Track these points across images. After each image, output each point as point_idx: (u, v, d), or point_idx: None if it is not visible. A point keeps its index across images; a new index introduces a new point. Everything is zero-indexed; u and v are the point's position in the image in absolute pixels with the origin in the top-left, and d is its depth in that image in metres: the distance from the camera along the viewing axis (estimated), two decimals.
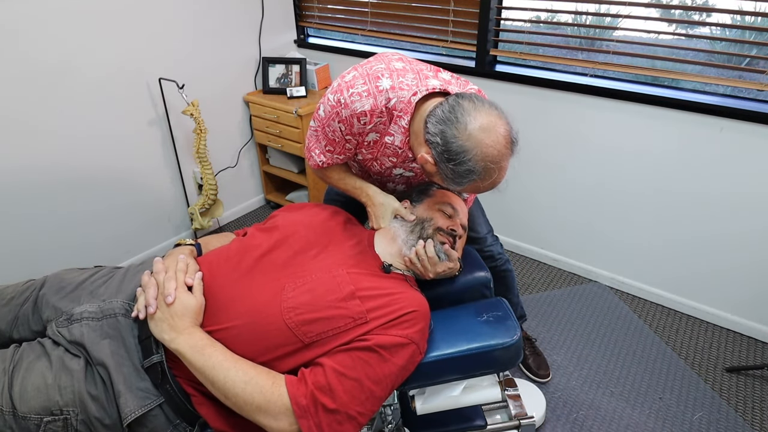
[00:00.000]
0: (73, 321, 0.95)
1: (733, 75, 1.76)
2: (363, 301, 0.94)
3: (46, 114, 1.83)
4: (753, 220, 1.77)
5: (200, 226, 2.39)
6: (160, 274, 0.96)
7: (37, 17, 1.73)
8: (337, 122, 1.14)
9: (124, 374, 0.90)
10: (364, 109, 1.09)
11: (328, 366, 0.86)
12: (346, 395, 0.84)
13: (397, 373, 0.91)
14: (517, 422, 1.24)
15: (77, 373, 0.89)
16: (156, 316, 0.91)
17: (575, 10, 1.94)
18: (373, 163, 1.28)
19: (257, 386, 0.84)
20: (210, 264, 1.05)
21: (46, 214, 1.94)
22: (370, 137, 1.17)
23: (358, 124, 1.13)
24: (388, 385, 0.90)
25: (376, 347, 0.89)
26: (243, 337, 0.92)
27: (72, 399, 0.87)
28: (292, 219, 1.18)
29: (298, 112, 2.35)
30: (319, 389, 0.83)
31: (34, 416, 0.86)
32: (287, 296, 0.94)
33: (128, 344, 0.93)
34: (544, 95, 2.04)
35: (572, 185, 2.14)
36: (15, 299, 1.05)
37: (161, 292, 0.93)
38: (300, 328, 0.90)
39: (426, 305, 1.00)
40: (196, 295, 0.95)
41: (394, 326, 0.92)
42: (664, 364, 1.81)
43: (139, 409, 0.88)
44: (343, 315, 0.91)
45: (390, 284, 1.01)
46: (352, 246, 1.10)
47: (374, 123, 1.13)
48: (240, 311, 0.94)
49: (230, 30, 2.39)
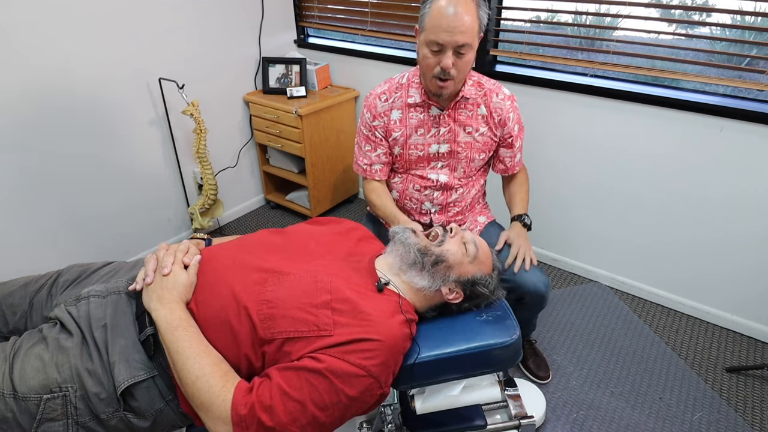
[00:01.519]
0: (81, 299, 1.00)
1: (733, 75, 1.76)
2: (335, 313, 0.91)
3: (46, 114, 1.83)
4: (753, 219, 1.77)
5: (200, 226, 2.39)
6: (161, 251, 1.03)
7: (37, 17, 1.73)
8: (365, 112, 1.48)
9: (121, 345, 0.93)
10: (383, 89, 1.46)
11: (275, 382, 0.84)
12: (286, 416, 0.82)
13: (347, 403, 0.86)
14: (517, 422, 1.24)
15: (72, 349, 0.92)
16: (149, 287, 0.97)
17: (575, 10, 1.94)
18: (409, 151, 1.46)
19: (206, 384, 0.84)
20: (210, 251, 1.09)
21: (46, 214, 1.94)
22: (394, 115, 1.44)
23: (380, 102, 1.45)
24: (336, 414, 0.86)
25: (328, 372, 0.84)
26: (213, 321, 0.93)
27: (70, 375, 0.90)
28: (303, 228, 1.21)
29: (298, 112, 2.35)
30: (261, 404, 0.82)
31: (34, 396, 0.88)
32: (267, 289, 0.95)
33: (127, 318, 0.97)
34: (544, 95, 2.04)
35: (572, 185, 2.14)
36: (30, 285, 1.10)
37: (159, 266, 0.99)
38: (266, 322, 0.90)
39: (396, 338, 0.92)
40: (189, 273, 0.99)
41: (354, 353, 0.87)
42: (664, 364, 1.81)
43: (132, 378, 0.90)
44: (308, 320, 0.90)
45: (372, 305, 0.95)
46: (350, 261, 1.09)
47: (393, 98, 1.43)
48: (221, 292, 0.96)
49: (230, 30, 2.40)
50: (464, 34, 1.21)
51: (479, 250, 1.12)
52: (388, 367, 0.91)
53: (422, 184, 1.50)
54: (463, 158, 1.46)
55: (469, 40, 1.23)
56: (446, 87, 1.30)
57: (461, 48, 1.23)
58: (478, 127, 1.44)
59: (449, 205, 1.53)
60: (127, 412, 0.92)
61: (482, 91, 1.43)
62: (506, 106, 1.44)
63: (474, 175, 1.53)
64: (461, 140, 1.44)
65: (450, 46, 1.23)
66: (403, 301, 1.03)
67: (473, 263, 1.10)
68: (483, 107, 1.43)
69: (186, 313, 0.93)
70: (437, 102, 1.40)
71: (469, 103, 1.42)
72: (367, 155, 1.51)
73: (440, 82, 1.29)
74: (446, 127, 1.43)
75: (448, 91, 1.32)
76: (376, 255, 1.15)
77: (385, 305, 0.98)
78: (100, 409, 0.90)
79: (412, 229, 1.14)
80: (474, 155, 1.47)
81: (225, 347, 0.91)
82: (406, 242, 1.10)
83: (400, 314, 0.98)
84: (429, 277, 1.07)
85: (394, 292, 1.05)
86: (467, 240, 1.12)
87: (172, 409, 0.95)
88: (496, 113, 1.43)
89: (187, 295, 0.97)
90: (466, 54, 1.25)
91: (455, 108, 1.41)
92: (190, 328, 0.90)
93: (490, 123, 1.44)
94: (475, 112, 1.43)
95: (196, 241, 1.15)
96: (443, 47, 1.23)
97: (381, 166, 1.52)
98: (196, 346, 0.88)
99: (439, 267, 1.07)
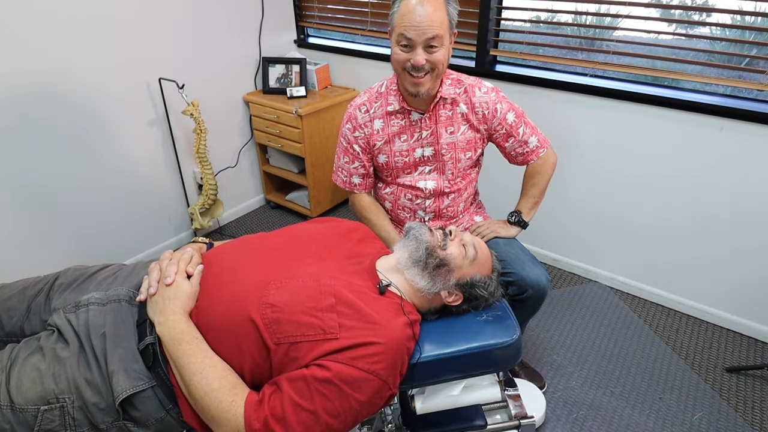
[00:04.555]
0: (80, 307, 0.99)
1: (733, 75, 1.76)
2: (340, 316, 0.91)
3: (46, 114, 1.83)
4: (753, 219, 1.77)
5: (200, 226, 2.39)
6: (164, 261, 1.03)
7: (37, 17, 1.73)
8: (345, 123, 1.47)
9: (120, 355, 0.92)
10: (363, 100, 1.45)
11: (285, 394, 0.84)
12: (300, 426, 0.83)
13: (358, 408, 0.87)
14: (517, 422, 1.24)
15: (69, 360, 0.91)
16: (153, 298, 0.97)
17: (575, 10, 1.94)
18: (395, 158, 1.45)
19: (215, 400, 0.84)
20: (211, 255, 1.09)
21: (45, 215, 1.94)
22: (376, 125, 1.44)
23: (360, 113, 1.44)
24: (349, 419, 0.87)
25: (337, 380, 0.85)
26: (216, 328, 0.93)
27: (67, 386, 0.89)
28: (303, 228, 1.21)
29: (298, 112, 2.35)
30: (274, 417, 0.82)
31: (31, 407, 0.87)
32: (269, 292, 0.94)
33: (127, 327, 0.97)
34: (544, 95, 2.04)
35: (572, 185, 2.14)
36: (28, 290, 1.09)
37: (163, 276, 0.98)
38: (271, 326, 0.90)
39: (401, 340, 0.93)
40: (192, 282, 0.99)
41: (361, 358, 0.87)
42: (664, 364, 1.81)
43: (131, 388, 0.90)
44: (315, 324, 0.90)
45: (376, 308, 0.95)
46: (351, 262, 1.09)
47: (373, 108, 1.43)
48: (223, 297, 0.96)
49: (230, 30, 2.39)
50: (432, 28, 1.21)
51: (478, 253, 1.12)
52: (396, 368, 0.92)
53: (413, 194, 1.48)
54: (448, 160, 1.44)
55: (438, 33, 1.23)
56: (422, 84, 1.28)
57: (431, 41, 1.23)
58: (459, 127, 1.42)
59: (442, 211, 1.52)
60: (127, 422, 0.91)
61: (462, 87, 1.41)
62: (491, 98, 1.41)
63: (463, 176, 1.50)
64: (444, 142, 1.42)
65: (419, 41, 1.23)
66: (404, 303, 1.03)
67: (472, 265, 1.10)
68: (463, 105, 1.41)
69: (189, 324, 0.93)
70: (416, 107, 1.39)
71: (448, 102, 1.40)
72: (345, 167, 1.51)
73: (413, 78, 1.27)
74: (428, 130, 1.41)
75: (425, 89, 1.30)
76: (377, 256, 1.14)
77: (388, 307, 0.98)
78: (99, 419, 0.89)
79: (429, 228, 1.15)
80: (459, 155, 1.45)
81: (230, 354, 0.91)
82: (420, 238, 1.10)
83: (403, 316, 0.98)
84: (429, 278, 1.07)
85: (395, 294, 1.04)
86: (466, 242, 1.12)
87: (173, 418, 0.94)
88: (479, 108, 1.40)
89: (190, 304, 0.96)
90: (439, 48, 1.25)
91: (435, 110, 1.40)
92: (194, 341, 0.90)
93: (471, 120, 1.42)
94: (455, 111, 1.41)
95: (198, 246, 1.15)
96: (412, 42, 1.23)
97: (360, 180, 1.52)
98: (200, 360, 0.87)
99: (440, 270, 1.07)
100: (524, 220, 1.51)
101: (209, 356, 0.89)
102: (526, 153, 1.49)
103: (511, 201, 1.59)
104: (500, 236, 1.49)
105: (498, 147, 1.52)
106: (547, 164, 1.51)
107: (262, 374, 0.91)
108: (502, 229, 1.50)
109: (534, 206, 1.53)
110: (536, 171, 1.51)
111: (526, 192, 1.54)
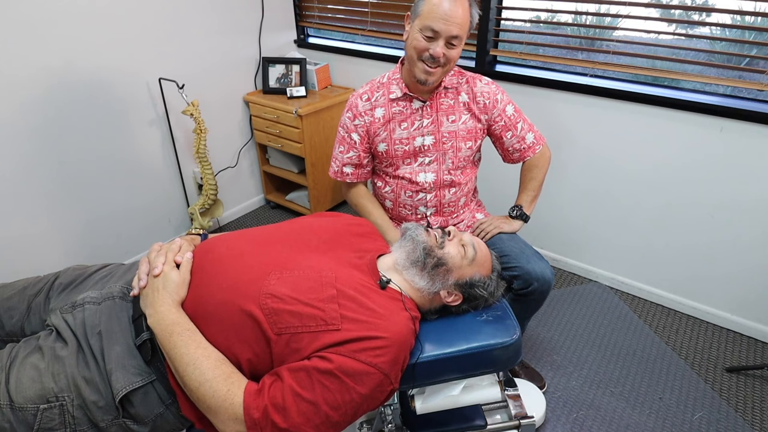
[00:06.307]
0: (76, 307, 0.99)
1: (733, 75, 1.76)
2: (341, 308, 0.91)
3: (46, 115, 1.83)
4: (753, 220, 1.77)
5: (200, 226, 2.39)
6: (153, 253, 1.01)
7: (37, 17, 1.73)
8: (346, 112, 1.49)
9: (117, 352, 0.92)
10: (364, 89, 1.48)
11: (286, 384, 0.84)
12: (300, 417, 0.82)
13: (359, 401, 0.86)
14: (517, 422, 1.24)
15: (68, 358, 0.91)
16: (144, 291, 0.96)
17: (575, 10, 1.94)
18: (395, 146, 1.45)
19: (210, 390, 0.83)
20: (207, 243, 1.08)
21: (45, 215, 1.94)
22: (378, 113, 1.45)
23: (361, 102, 1.46)
24: (349, 412, 0.86)
25: (339, 372, 0.84)
26: (214, 316, 0.92)
27: (66, 384, 0.89)
28: (305, 221, 1.20)
29: (298, 112, 2.35)
30: (274, 406, 0.82)
31: (31, 406, 0.87)
32: (270, 282, 0.93)
33: (122, 324, 0.96)
34: (544, 95, 2.04)
35: (572, 185, 2.14)
36: (28, 289, 1.09)
37: (151, 268, 0.98)
38: (272, 317, 0.89)
39: (403, 334, 0.92)
40: (181, 271, 0.98)
41: (364, 351, 0.87)
42: (664, 364, 1.81)
43: (129, 384, 0.89)
44: (316, 315, 0.89)
45: (378, 301, 0.96)
46: (354, 256, 1.09)
47: (375, 97, 1.45)
48: (222, 285, 0.95)
49: (230, 30, 2.40)
50: (458, 26, 1.26)
51: (477, 253, 1.12)
52: (398, 363, 0.92)
53: (413, 189, 1.49)
54: (449, 148, 1.45)
55: (462, 32, 1.28)
56: (433, 74, 1.32)
57: (453, 39, 1.28)
58: (461, 116, 1.44)
59: (444, 206, 1.52)
60: (126, 419, 0.91)
61: (464, 78, 1.45)
62: (492, 89, 1.45)
63: (464, 167, 1.50)
64: (445, 130, 1.44)
65: (443, 35, 1.26)
66: (405, 299, 1.03)
67: (471, 265, 1.10)
68: (464, 94, 1.44)
69: (180, 315, 0.92)
70: (418, 95, 1.42)
71: (450, 91, 1.44)
72: (338, 156, 1.53)
73: (428, 67, 1.31)
74: (429, 118, 1.44)
75: (434, 79, 1.34)
76: (378, 253, 1.14)
77: (390, 302, 0.99)
78: (99, 417, 0.89)
79: (425, 227, 1.15)
80: (460, 144, 1.46)
81: (227, 344, 0.90)
82: (417, 239, 1.10)
83: (405, 311, 0.98)
84: (428, 278, 1.07)
85: (396, 291, 1.04)
86: (466, 242, 1.12)
87: (172, 413, 0.94)
88: (480, 98, 1.44)
89: (180, 294, 0.95)
90: (456, 46, 1.30)
91: (436, 98, 1.43)
92: (186, 332, 0.89)
93: (473, 109, 1.45)
94: (457, 100, 1.44)
95: (191, 237, 1.13)
96: (437, 34, 1.27)
97: (352, 169, 1.53)
98: (193, 351, 0.86)
99: (439, 270, 1.07)
100: (526, 214, 1.53)
101: (203, 346, 0.88)
102: (522, 149, 1.52)
103: (506, 203, 1.60)
104: (504, 231, 1.50)
105: (496, 142, 1.54)
106: (544, 158, 1.55)
107: (262, 365, 0.91)
108: (506, 225, 1.51)
109: (533, 200, 1.56)
110: (534, 164, 1.54)
111: (524, 186, 1.56)
